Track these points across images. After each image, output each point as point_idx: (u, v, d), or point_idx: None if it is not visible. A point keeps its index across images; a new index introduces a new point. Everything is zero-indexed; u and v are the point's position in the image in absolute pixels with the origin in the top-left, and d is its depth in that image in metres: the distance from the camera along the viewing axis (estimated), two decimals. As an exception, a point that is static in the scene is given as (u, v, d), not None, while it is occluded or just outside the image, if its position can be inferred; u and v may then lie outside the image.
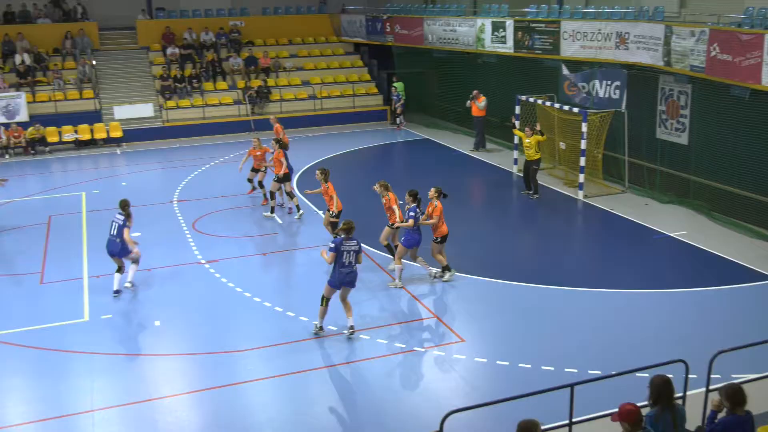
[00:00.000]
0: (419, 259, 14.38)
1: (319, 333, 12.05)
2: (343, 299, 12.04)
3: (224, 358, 11.57)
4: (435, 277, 14.30)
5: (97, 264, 15.50)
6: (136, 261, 14.22)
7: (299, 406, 10.16)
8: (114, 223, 13.77)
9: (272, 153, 18.51)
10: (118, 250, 13.81)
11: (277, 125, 21.92)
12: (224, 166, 24.09)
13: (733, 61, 15.89)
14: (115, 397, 10.45)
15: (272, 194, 18.44)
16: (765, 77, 15.16)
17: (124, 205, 13.87)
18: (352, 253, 11.72)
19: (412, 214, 13.85)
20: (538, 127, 19.82)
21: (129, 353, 11.78)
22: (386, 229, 14.60)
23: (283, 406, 10.19)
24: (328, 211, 15.64)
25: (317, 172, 15.73)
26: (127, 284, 14.12)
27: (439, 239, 14.07)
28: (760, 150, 16.19)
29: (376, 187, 14.61)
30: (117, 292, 13.89)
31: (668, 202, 18.65)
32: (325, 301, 11.95)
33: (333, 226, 15.36)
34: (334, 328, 12.32)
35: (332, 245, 11.68)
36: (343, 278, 11.76)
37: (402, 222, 14.11)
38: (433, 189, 14.20)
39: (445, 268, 14.23)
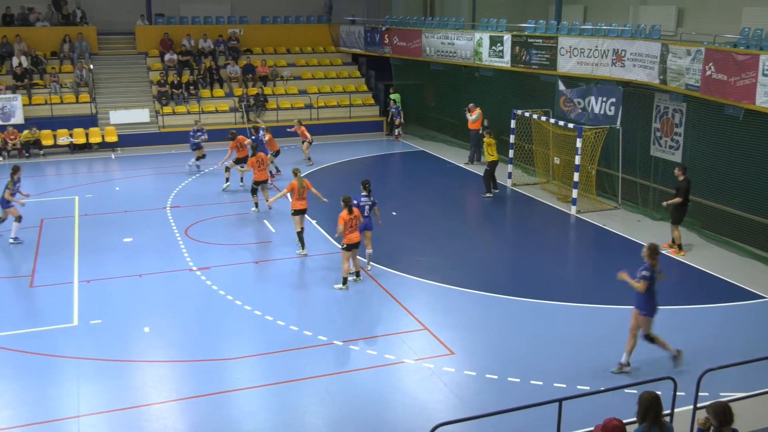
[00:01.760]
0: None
1: (624, 370, 11.02)
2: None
3: (213, 365, 11.52)
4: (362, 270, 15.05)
5: (87, 269, 15.48)
6: (18, 219, 17.09)
7: (287, 417, 10.12)
8: None
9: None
10: None
11: (302, 128, 25.12)
12: (219, 174, 24.04)
13: (728, 80, 15.98)
14: (101, 403, 10.40)
15: (227, 169, 22.21)
16: (759, 98, 15.25)
17: (14, 172, 17.13)
18: (657, 276, 11.03)
19: (355, 202, 14.56)
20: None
21: (117, 359, 11.71)
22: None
23: (271, 416, 10.14)
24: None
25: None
26: (11, 240, 17.04)
27: (344, 246, 14.27)
28: (753, 170, 16.26)
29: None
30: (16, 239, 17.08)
31: (660, 219, 18.69)
32: (649, 338, 11.06)
33: (253, 191, 19.45)
34: (324, 338, 12.30)
35: (646, 273, 10.74)
36: (656, 304, 10.99)
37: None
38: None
39: (344, 280, 14.43)
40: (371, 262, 15.49)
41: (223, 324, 13.01)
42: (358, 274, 14.76)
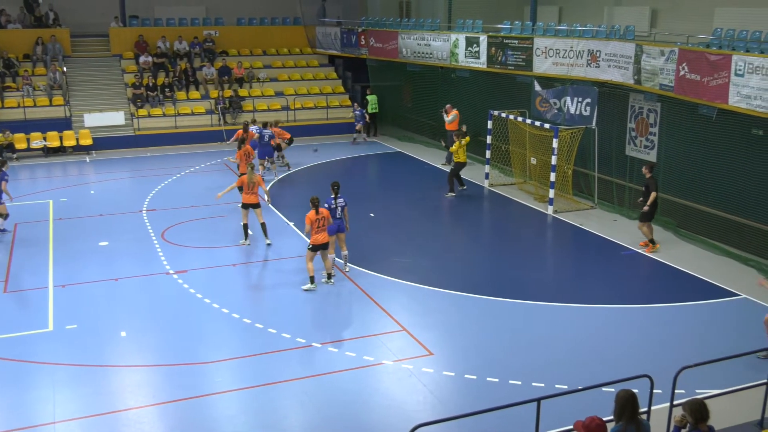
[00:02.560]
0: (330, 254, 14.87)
1: None
2: None
3: (191, 369, 11.44)
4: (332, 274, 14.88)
5: (62, 273, 15.32)
6: (2, 215, 17.72)
7: (266, 419, 10.07)
8: None
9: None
10: None
11: (276, 129, 24.29)
12: (195, 176, 23.94)
13: (702, 80, 16.16)
14: (78, 408, 10.29)
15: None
16: (732, 97, 15.43)
17: (1, 164, 17.94)
18: None
19: (326, 205, 14.60)
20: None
21: (93, 364, 11.59)
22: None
23: (250, 419, 10.09)
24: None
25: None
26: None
27: (310, 246, 14.28)
28: (726, 169, 16.45)
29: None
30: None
31: (636, 218, 18.83)
32: None
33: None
34: (303, 341, 12.26)
35: None
36: None
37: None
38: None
39: (311, 279, 14.41)
40: (349, 263, 15.47)
41: (200, 327, 12.92)
42: (330, 276, 14.71)
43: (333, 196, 14.88)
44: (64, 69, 29.67)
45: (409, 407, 10.35)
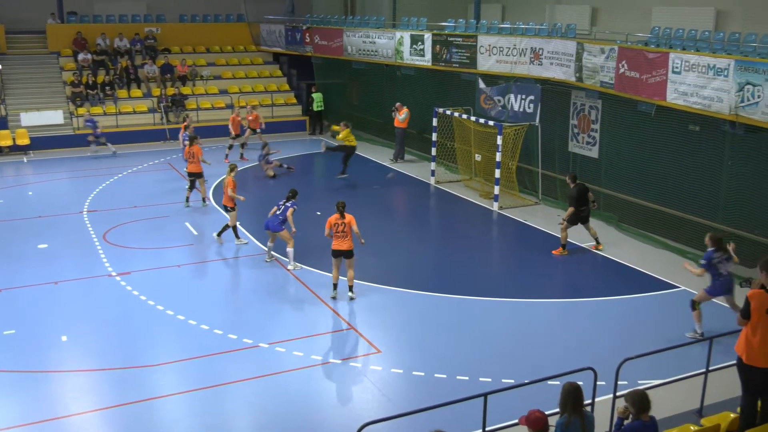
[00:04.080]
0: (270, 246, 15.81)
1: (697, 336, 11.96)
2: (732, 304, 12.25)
3: (135, 373, 11.24)
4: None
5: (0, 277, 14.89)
6: None
7: (212, 421, 9.94)
8: None
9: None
10: None
11: (253, 115, 25.98)
12: (138, 176, 23.50)
13: (640, 78, 16.51)
14: (18, 416, 9.99)
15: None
16: (670, 94, 15.81)
17: None
18: (724, 262, 11.86)
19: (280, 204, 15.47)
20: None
21: (33, 370, 11.28)
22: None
23: (195, 422, 9.94)
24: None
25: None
26: None
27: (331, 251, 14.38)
28: (665, 164, 16.85)
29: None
30: None
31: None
32: (695, 304, 12.26)
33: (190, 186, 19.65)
34: (250, 341, 12.15)
35: (703, 262, 11.92)
36: (723, 286, 12.00)
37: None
38: None
39: (334, 286, 14.25)
40: (294, 262, 15.36)
41: (144, 330, 12.69)
42: (349, 288, 14.08)
43: (285, 199, 15.33)
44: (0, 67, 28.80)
45: (358, 405, 10.35)
